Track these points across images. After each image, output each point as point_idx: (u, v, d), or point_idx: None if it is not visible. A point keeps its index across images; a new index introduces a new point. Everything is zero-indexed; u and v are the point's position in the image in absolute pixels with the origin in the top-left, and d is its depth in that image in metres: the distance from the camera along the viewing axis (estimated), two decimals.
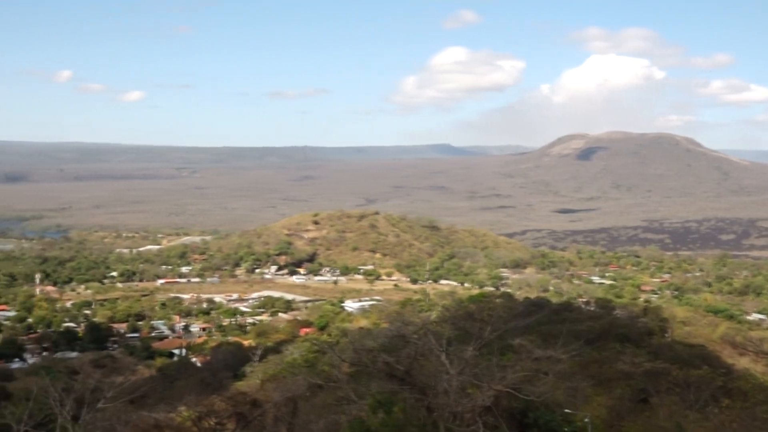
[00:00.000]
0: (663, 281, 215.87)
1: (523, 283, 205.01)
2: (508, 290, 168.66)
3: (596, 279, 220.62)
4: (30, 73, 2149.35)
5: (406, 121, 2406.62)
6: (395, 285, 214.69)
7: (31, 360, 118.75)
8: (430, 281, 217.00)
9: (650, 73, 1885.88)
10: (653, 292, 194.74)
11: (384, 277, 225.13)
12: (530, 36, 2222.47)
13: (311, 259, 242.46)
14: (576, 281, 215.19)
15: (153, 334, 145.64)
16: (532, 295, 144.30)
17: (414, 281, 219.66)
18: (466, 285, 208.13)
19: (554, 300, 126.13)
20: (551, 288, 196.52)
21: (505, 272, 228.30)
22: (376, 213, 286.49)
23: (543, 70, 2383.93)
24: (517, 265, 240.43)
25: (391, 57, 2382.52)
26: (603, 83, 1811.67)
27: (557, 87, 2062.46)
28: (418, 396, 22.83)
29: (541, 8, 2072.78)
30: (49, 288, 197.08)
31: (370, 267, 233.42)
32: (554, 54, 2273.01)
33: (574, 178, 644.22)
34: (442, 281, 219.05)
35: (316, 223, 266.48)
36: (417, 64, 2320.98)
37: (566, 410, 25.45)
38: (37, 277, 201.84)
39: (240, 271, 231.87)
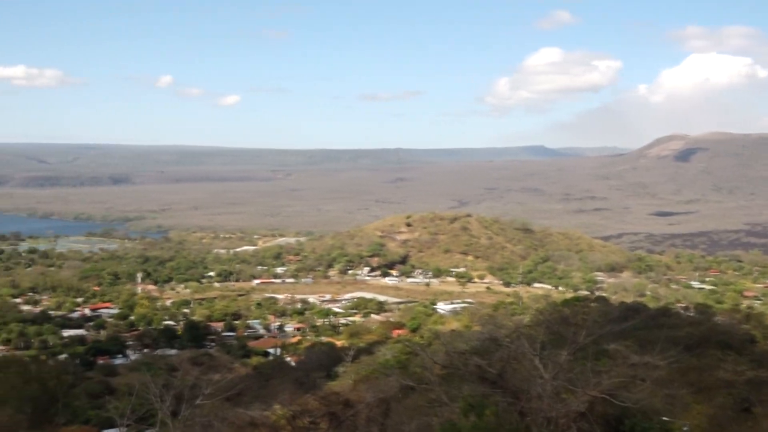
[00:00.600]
0: (767, 287, 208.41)
1: (619, 287, 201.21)
2: (604, 294, 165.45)
3: (695, 284, 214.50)
4: (133, 79, 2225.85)
5: (500, 122, 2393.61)
6: (487, 288, 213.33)
7: (133, 356, 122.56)
8: (523, 284, 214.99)
9: (753, 71, 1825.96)
10: (756, 298, 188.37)
11: (476, 280, 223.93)
12: (627, 35, 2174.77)
13: (403, 260, 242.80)
14: (674, 286, 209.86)
15: (248, 333, 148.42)
16: (629, 300, 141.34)
17: (507, 284, 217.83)
18: (560, 288, 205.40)
19: (651, 305, 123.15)
20: (648, 293, 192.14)
21: (600, 276, 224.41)
22: (469, 215, 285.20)
23: (640, 70, 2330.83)
24: (613, 269, 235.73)
25: (485, 58, 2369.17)
26: (703, 83, 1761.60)
27: (655, 87, 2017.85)
28: (510, 400, 22.64)
29: (639, 7, 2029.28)
30: (150, 287, 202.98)
31: (462, 269, 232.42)
32: (652, 53, 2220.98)
33: (672, 180, 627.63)
34: (536, 284, 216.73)
35: (408, 224, 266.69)
36: (510, 65, 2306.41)
37: (664, 418, 24.85)
38: (139, 276, 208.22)
39: (333, 272, 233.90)
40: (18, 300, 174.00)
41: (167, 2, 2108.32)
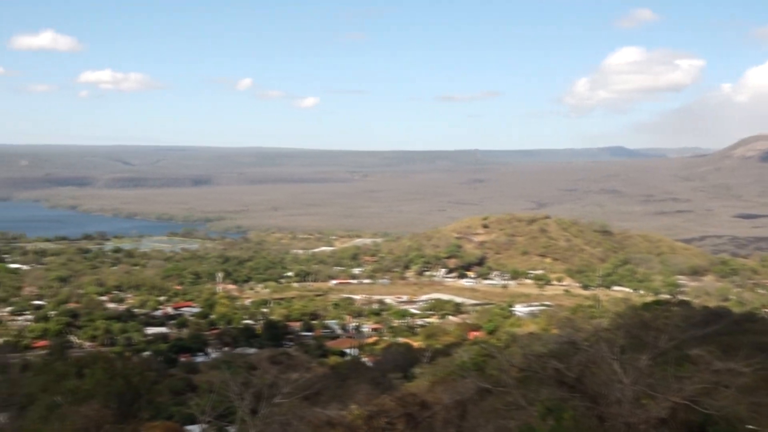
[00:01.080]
0: None
1: (702, 292, 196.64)
2: (686, 298, 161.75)
3: None
4: (215, 82, 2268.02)
5: (579, 123, 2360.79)
6: (566, 290, 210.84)
7: (213, 354, 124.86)
8: (602, 287, 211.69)
9: None
10: None
11: (554, 282, 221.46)
12: (711, 34, 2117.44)
13: (480, 262, 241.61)
14: (760, 291, 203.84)
15: (326, 333, 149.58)
16: (712, 304, 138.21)
17: (585, 287, 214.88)
18: (640, 292, 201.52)
19: (736, 310, 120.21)
20: (732, 297, 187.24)
21: (682, 279, 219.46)
22: (547, 217, 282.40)
23: (724, 69, 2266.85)
24: (695, 273, 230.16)
25: (563, 58, 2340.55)
26: None
27: (740, 86, 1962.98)
28: (589, 404, 22.35)
29: (723, 5, 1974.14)
30: (230, 286, 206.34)
31: (540, 271, 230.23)
32: (736, 52, 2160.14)
33: (758, 181, 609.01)
34: (615, 288, 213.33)
35: (485, 226, 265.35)
36: (590, 65, 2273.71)
37: (749, 426, 24.20)
38: (219, 275, 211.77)
39: (410, 273, 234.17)
40: (104, 298, 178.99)
41: (247, 7, 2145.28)
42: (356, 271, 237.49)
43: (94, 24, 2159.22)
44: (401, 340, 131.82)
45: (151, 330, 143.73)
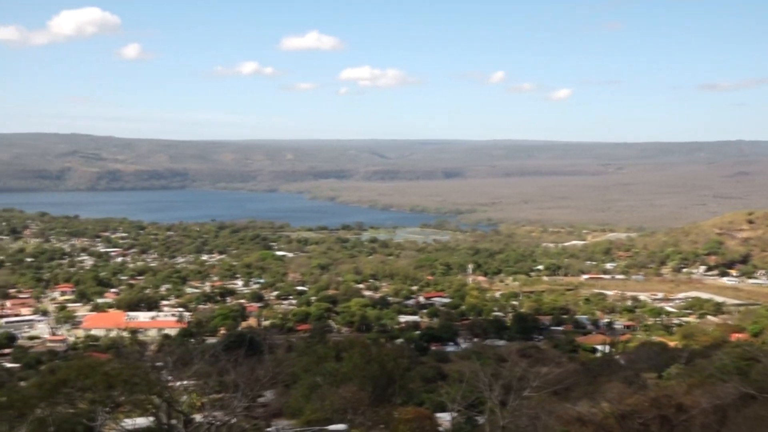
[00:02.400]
0: None
1: None
2: None
3: None
4: (467, 76, 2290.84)
5: None
6: None
7: (463, 344, 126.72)
8: None
9: None
10: None
11: None
12: None
13: (744, 260, 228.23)
14: None
15: (576, 328, 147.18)
16: None
17: None
18: None
19: None
20: None
21: None
22: None
23: None
24: None
25: None
26: None
27: None
28: None
29: None
30: (480, 278, 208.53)
31: None
32: None
33: None
34: None
35: (750, 222, 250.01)
36: None
37: None
38: (470, 267, 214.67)
39: (666, 270, 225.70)
40: (360, 285, 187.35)
41: (500, 1, 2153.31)
42: (609, 266, 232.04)
43: (355, 23, 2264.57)
44: (656, 338, 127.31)
45: (404, 318, 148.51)
